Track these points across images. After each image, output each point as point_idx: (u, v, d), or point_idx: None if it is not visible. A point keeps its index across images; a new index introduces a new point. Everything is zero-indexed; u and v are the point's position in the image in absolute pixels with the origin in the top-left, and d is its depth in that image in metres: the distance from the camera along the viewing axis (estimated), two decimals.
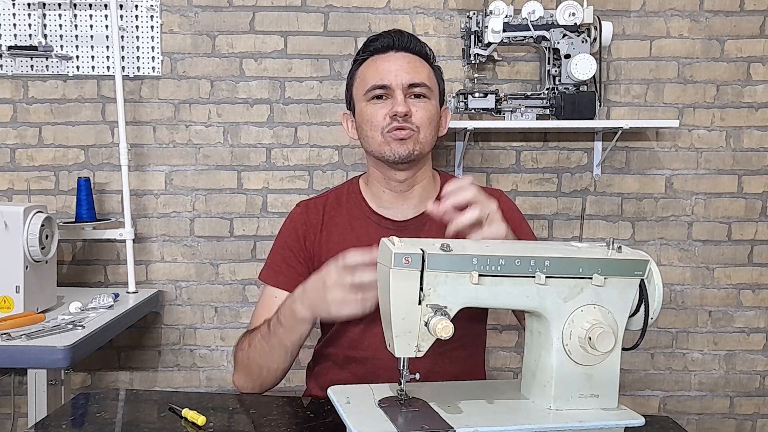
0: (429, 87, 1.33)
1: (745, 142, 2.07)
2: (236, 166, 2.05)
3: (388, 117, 1.30)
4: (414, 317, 0.98)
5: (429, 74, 1.35)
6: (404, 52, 1.33)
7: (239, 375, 1.32)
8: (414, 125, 1.30)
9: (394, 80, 1.30)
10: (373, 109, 1.32)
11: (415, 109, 1.30)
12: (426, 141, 1.33)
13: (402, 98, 1.30)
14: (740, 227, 2.09)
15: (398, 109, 1.28)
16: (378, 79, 1.31)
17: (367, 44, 1.36)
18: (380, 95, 1.32)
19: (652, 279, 1.05)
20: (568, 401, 1.04)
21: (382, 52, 1.34)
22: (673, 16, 2.04)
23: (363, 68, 1.36)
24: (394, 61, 1.32)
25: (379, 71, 1.32)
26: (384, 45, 1.34)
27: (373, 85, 1.32)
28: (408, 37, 1.34)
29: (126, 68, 2.01)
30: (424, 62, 1.35)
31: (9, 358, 1.42)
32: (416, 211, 1.38)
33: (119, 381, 2.10)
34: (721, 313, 2.11)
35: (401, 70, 1.31)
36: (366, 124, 1.33)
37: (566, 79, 1.87)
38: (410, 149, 1.30)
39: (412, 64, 1.32)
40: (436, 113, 1.35)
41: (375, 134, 1.32)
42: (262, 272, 1.43)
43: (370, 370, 1.28)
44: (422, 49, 1.36)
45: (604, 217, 2.08)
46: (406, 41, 1.34)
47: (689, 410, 2.13)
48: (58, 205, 2.05)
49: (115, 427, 1.09)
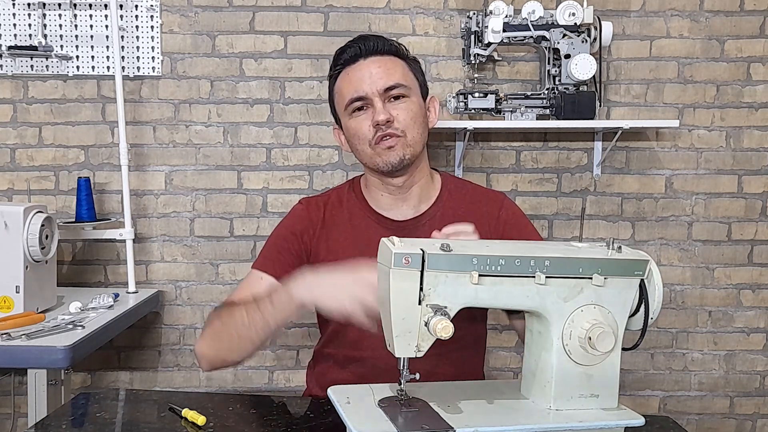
0: (406, 85, 1.31)
1: (745, 142, 2.07)
2: (236, 166, 2.05)
3: (372, 127, 1.29)
4: (414, 317, 0.98)
5: (403, 72, 1.33)
6: (374, 56, 1.31)
7: (206, 341, 1.28)
8: (399, 130, 1.29)
9: (368, 89, 1.29)
10: (357, 122, 1.31)
11: (396, 113, 1.29)
12: (415, 141, 1.31)
13: (381, 105, 1.28)
14: (740, 227, 2.09)
15: (379, 118, 1.27)
16: (353, 91, 1.30)
17: (336, 58, 1.35)
18: (360, 107, 1.31)
19: (652, 279, 1.05)
20: (568, 401, 1.04)
21: (352, 63, 1.32)
22: (673, 16, 2.04)
23: (339, 83, 1.35)
24: (366, 69, 1.30)
25: (352, 83, 1.31)
26: (352, 55, 1.32)
27: (350, 98, 1.31)
28: (374, 40, 1.32)
29: (126, 68, 2.01)
30: (397, 60, 1.33)
31: (9, 358, 1.42)
32: (416, 211, 1.38)
33: (119, 381, 2.10)
34: (721, 313, 2.11)
35: (374, 76, 1.29)
36: (354, 138, 1.33)
37: (566, 79, 1.87)
38: (401, 156, 1.29)
39: (384, 67, 1.30)
40: (420, 109, 1.33)
41: (364, 147, 1.32)
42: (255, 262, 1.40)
43: (371, 370, 1.28)
44: (391, 47, 1.33)
45: (604, 217, 2.08)
46: (373, 45, 1.32)
47: (689, 410, 2.13)
48: (58, 205, 2.05)
49: (115, 427, 1.09)
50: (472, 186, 1.47)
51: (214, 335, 1.27)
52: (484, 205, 1.41)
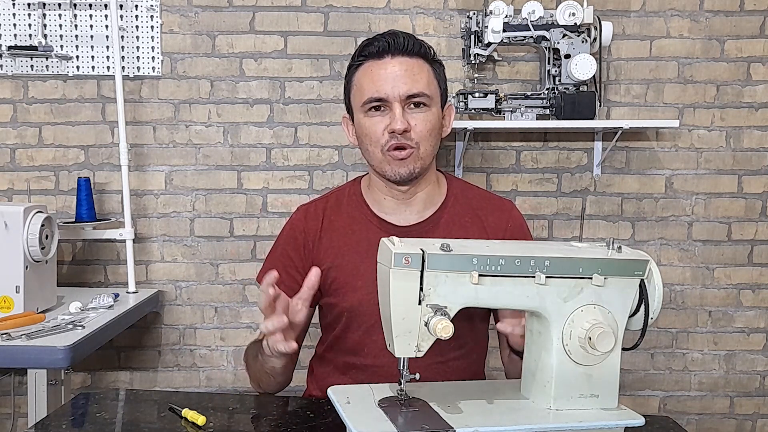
0: (429, 95, 1.27)
1: (745, 142, 2.07)
2: (236, 166, 2.05)
3: (387, 133, 1.26)
4: (414, 317, 0.98)
5: (429, 79, 1.29)
6: (401, 57, 1.27)
7: (250, 380, 1.39)
8: (413, 141, 1.26)
9: (391, 92, 1.25)
10: (372, 122, 1.28)
11: (414, 123, 1.26)
12: (427, 154, 1.29)
13: (400, 112, 1.25)
14: (740, 227, 2.09)
15: (396, 127, 1.24)
16: (374, 91, 1.26)
17: (363, 48, 1.30)
18: (378, 107, 1.27)
19: (652, 279, 1.05)
20: (568, 401, 1.04)
21: (378, 58, 1.27)
22: (673, 16, 2.04)
23: (359, 75, 1.30)
24: (391, 69, 1.26)
25: (375, 81, 1.26)
26: (379, 49, 1.27)
27: (369, 97, 1.26)
28: (404, 38, 1.27)
29: (126, 68, 2.01)
30: (424, 63, 1.29)
31: (9, 358, 1.42)
32: (419, 217, 1.35)
33: (119, 381, 2.10)
34: (721, 313, 2.11)
35: (398, 80, 1.25)
36: (365, 137, 1.30)
37: (566, 79, 1.87)
38: (411, 169, 1.27)
39: (410, 72, 1.26)
40: (438, 120, 1.30)
41: (375, 150, 1.29)
42: (260, 274, 1.41)
43: (370, 378, 1.26)
44: (420, 48, 1.29)
45: (604, 217, 2.08)
46: (403, 44, 1.27)
47: (689, 410, 2.13)
48: (58, 205, 2.05)
49: (115, 427, 1.09)
50: (479, 191, 1.44)
51: (252, 376, 1.37)
52: (491, 214, 1.38)
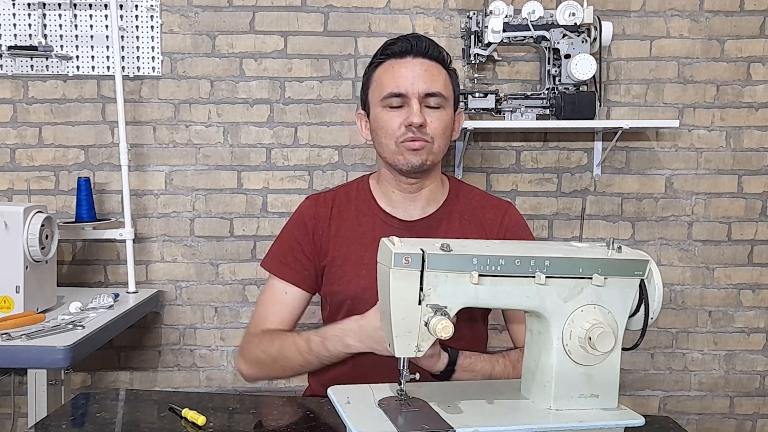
0: (445, 96, 1.33)
1: (745, 142, 2.07)
2: (236, 166, 2.05)
3: (403, 127, 1.31)
4: (414, 317, 0.98)
5: (445, 82, 1.35)
6: (422, 58, 1.33)
7: (251, 367, 1.38)
8: (429, 136, 1.32)
9: (410, 88, 1.31)
10: (389, 116, 1.33)
11: (430, 120, 1.31)
12: (439, 150, 1.35)
13: (418, 108, 1.30)
14: (740, 227, 2.09)
15: (414, 120, 1.29)
16: (395, 86, 1.31)
17: (385, 47, 1.36)
18: (396, 103, 1.33)
19: (652, 279, 1.05)
20: (568, 401, 1.04)
21: (400, 57, 1.34)
22: (673, 16, 2.04)
23: (380, 72, 1.36)
24: (411, 68, 1.32)
25: (395, 78, 1.32)
26: (402, 49, 1.34)
27: (389, 92, 1.32)
28: (426, 42, 1.34)
29: (126, 68, 2.00)
30: (441, 68, 1.36)
31: (9, 358, 1.42)
32: (423, 213, 1.41)
33: (119, 381, 2.10)
34: (721, 313, 2.11)
35: (418, 78, 1.31)
36: (381, 130, 1.35)
37: (566, 79, 1.87)
38: (423, 159, 1.32)
39: (429, 72, 1.32)
40: (450, 122, 1.37)
41: (389, 142, 1.33)
42: (265, 259, 1.45)
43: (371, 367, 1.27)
44: (440, 54, 1.36)
45: (604, 217, 2.08)
46: (424, 47, 1.34)
47: (689, 410, 2.13)
48: (58, 205, 2.05)
49: (115, 427, 1.09)
50: (480, 193, 1.49)
51: (261, 365, 1.36)
52: (488, 212, 1.44)
